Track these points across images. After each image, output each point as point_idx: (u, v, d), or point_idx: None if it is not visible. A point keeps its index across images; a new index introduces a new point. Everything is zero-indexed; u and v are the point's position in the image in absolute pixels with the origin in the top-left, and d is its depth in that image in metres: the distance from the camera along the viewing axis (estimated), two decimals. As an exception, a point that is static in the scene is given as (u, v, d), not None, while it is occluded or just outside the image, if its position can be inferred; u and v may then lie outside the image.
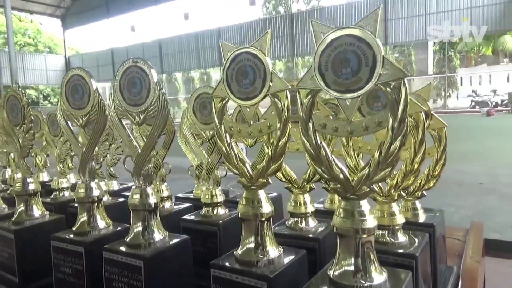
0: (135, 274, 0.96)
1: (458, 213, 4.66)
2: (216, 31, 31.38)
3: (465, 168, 6.59)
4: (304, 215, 1.10)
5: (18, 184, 1.31)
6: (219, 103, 0.91)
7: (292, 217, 1.11)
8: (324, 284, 0.75)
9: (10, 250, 1.25)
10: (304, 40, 29.14)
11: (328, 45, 0.72)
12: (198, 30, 31.88)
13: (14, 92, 1.28)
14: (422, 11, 24.79)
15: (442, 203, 4.09)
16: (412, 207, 1.13)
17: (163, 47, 33.19)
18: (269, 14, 34.56)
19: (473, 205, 5.07)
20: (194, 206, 1.45)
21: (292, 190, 1.11)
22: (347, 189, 0.74)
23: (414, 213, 1.12)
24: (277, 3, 35.82)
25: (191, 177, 1.55)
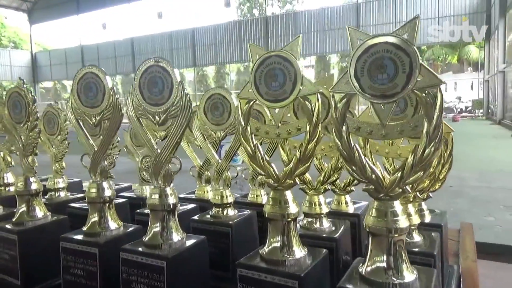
0: (156, 274, 0.95)
1: None
2: (191, 31, 31.13)
3: None
4: (318, 216, 1.12)
5: (20, 183, 1.27)
6: (246, 104, 0.93)
7: (307, 217, 1.13)
8: (357, 280, 0.78)
9: (12, 252, 1.21)
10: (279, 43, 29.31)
11: (365, 51, 0.75)
12: (172, 30, 31.51)
13: (18, 89, 1.24)
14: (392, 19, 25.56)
15: None
16: (418, 208, 1.18)
17: (136, 45, 32.56)
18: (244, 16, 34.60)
19: (444, 207, 5.29)
20: (200, 207, 1.45)
21: (307, 191, 1.13)
22: (379, 190, 0.77)
23: (421, 214, 1.16)
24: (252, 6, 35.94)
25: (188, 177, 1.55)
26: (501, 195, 5.61)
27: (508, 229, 4.04)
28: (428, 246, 0.97)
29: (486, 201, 5.35)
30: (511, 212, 4.81)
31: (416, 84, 0.71)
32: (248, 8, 36.09)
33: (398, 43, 0.72)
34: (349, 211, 1.30)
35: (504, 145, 10.53)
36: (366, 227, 0.78)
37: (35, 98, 1.23)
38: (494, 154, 8.80)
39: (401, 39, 0.72)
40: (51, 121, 1.62)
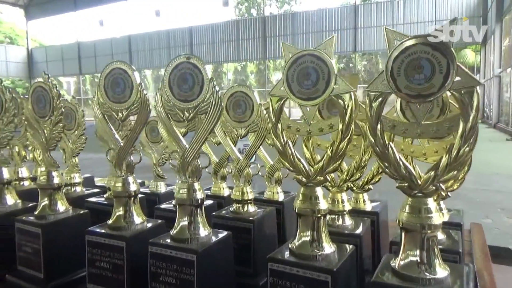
0: (186, 268, 0.97)
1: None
2: (188, 30, 31.06)
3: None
4: (341, 213, 1.14)
5: (43, 177, 1.28)
6: (277, 102, 0.94)
7: (330, 214, 1.15)
8: (390, 275, 0.80)
9: (36, 245, 1.22)
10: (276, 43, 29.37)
11: (402, 51, 0.77)
12: (169, 28, 31.42)
13: (43, 83, 1.25)
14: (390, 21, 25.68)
15: None
16: (438, 207, 1.20)
17: (133, 43, 32.44)
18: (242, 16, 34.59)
19: None
20: (217, 204, 1.47)
21: (330, 188, 1.15)
22: (413, 187, 0.79)
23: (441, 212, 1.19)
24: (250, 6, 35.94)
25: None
26: (498, 198, 5.68)
27: (505, 232, 4.10)
28: (452, 244, 0.99)
29: (484, 203, 5.41)
30: (508, 214, 4.87)
31: (453, 85, 0.73)
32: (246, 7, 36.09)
33: (436, 44, 0.74)
34: (367, 209, 1.33)
35: (500, 149, 10.63)
36: (399, 223, 0.80)
37: (60, 93, 1.24)
38: (490, 157, 8.88)
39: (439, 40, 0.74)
40: (68, 116, 1.63)
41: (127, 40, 32.60)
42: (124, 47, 32.71)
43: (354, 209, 1.30)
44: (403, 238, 0.81)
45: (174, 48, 31.80)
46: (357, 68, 30.38)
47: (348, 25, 27.08)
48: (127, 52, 32.65)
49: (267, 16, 29.72)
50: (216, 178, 1.63)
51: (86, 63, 33.84)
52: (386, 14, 25.65)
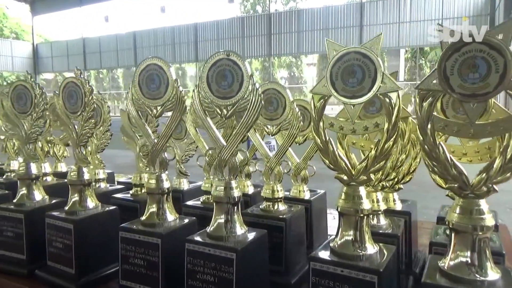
0: (225, 266, 0.96)
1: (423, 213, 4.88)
2: (193, 26, 31.04)
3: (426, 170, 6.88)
4: (376, 213, 1.13)
5: (74, 173, 1.27)
6: (319, 100, 0.93)
7: None
8: (438, 276, 0.79)
9: (67, 241, 1.22)
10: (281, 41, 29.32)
11: (456, 49, 0.76)
12: (174, 24, 31.40)
13: (75, 78, 1.24)
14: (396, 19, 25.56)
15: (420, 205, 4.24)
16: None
17: (138, 39, 32.44)
18: (247, 12, 34.51)
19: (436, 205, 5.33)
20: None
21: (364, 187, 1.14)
22: (464, 188, 0.78)
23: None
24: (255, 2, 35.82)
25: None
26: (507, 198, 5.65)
27: (517, 232, 4.07)
28: (494, 245, 0.98)
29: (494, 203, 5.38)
30: (517, 214, 4.84)
31: (510, 84, 0.72)
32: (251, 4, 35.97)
33: (493, 44, 0.73)
34: (397, 208, 1.31)
35: (508, 148, 10.57)
36: (449, 224, 0.79)
37: (92, 89, 1.23)
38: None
39: (495, 40, 0.73)
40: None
41: (132, 36, 32.62)
42: (129, 43, 32.73)
43: (386, 209, 1.29)
44: (452, 239, 0.80)
45: (179, 44, 31.81)
46: (362, 66, 30.13)
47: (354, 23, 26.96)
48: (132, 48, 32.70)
49: (272, 13, 29.64)
50: (241, 176, 1.62)
51: (91, 59, 33.92)
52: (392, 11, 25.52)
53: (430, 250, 1.02)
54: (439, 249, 1.00)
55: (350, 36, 27.16)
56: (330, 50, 0.91)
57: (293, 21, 28.80)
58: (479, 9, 22.58)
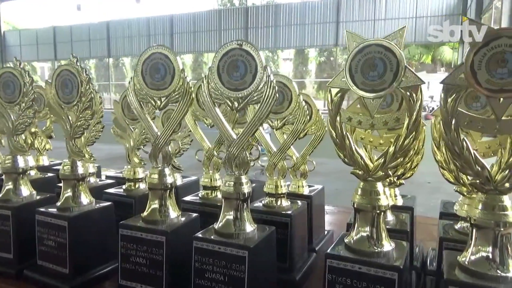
0: (237, 264, 0.93)
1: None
2: (169, 18, 30.51)
3: None
4: (385, 208, 1.12)
5: (67, 167, 1.20)
6: (336, 94, 0.91)
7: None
8: (458, 271, 0.78)
9: (61, 239, 1.15)
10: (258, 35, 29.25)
11: (485, 44, 0.74)
12: (149, 15, 30.76)
13: (70, 66, 1.17)
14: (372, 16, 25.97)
15: None
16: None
17: (111, 29, 31.61)
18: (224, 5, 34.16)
19: (424, 202, 5.49)
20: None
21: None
22: (487, 184, 0.77)
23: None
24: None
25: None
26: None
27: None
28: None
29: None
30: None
31: (537, 80, 0.72)
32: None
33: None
34: (398, 203, 1.32)
35: (476, 144, 10.99)
36: (471, 220, 0.79)
37: (90, 77, 1.16)
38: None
39: (524, 34, 0.72)
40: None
41: (105, 26, 31.75)
42: (102, 33, 31.86)
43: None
44: (474, 234, 0.79)
45: (154, 36, 31.22)
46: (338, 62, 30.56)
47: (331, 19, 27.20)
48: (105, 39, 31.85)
49: (250, 6, 29.49)
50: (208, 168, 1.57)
51: (61, 48, 32.74)
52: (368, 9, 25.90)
53: (441, 246, 1.02)
54: (450, 244, 1.00)
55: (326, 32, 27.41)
56: (350, 42, 0.89)
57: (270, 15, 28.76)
58: (451, 9, 23.23)
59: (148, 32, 31.02)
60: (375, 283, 0.83)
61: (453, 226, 1.07)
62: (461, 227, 1.05)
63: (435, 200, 4.20)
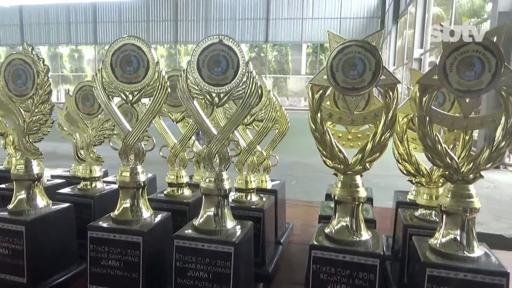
0: (221, 261, 0.92)
1: None
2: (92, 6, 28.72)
3: None
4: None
5: (20, 166, 1.09)
6: (318, 92, 0.94)
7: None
8: (429, 253, 0.86)
9: (16, 246, 1.04)
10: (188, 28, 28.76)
11: (455, 49, 0.83)
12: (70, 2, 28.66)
13: (24, 55, 1.06)
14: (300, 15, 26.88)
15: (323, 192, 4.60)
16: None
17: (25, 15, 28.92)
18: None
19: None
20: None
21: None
22: (456, 175, 0.86)
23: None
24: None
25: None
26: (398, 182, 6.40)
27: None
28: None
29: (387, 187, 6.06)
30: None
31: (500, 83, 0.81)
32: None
33: (487, 45, 0.81)
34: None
35: (395, 138, 11.96)
36: (441, 207, 0.87)
37: (48, 68, 1.06)
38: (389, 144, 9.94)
39: (489, 41, 0.81)
40: (89, 98, 1.39)
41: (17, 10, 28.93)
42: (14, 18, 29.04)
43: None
44: (444, 220, 0.88)
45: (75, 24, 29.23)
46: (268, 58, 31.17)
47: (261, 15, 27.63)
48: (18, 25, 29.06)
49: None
50: (198, 166, 1.56)
51: (-37, 33, 29.23)
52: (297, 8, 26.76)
53: (405, 232, 1.10)
54: (414, 230, 1.09)
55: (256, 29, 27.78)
56: (331, 42, 0.92)
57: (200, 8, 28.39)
58: (371, 12, 24.90)
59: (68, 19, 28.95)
60: (358, 270, 0.88)
61: (414, 214, 1.17)
62: (421, 214, 1.15)
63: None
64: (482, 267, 0.82)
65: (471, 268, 0.81)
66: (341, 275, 0.89)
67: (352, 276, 0.88)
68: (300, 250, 1.48)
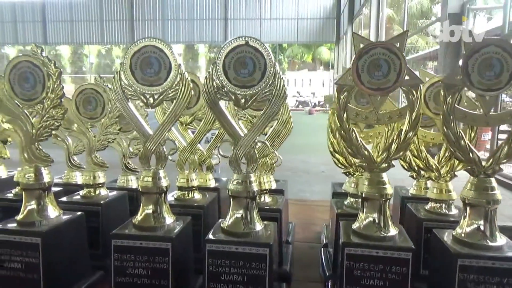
0: (256, 263, 0.92)
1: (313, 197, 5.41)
2: (40, 4, 27.27)
3: (306, 159, 7.63)
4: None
5: (30, 175, 1.03)
6: (344, 92, 0.96)
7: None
8: (453, 242, 0.91)
9: (31, 259, 0.99)
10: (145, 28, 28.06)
11: (476, 50, 0.88)
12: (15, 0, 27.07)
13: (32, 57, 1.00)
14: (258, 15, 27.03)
15: (297, 189, 4.67)
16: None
17: (-35, 12, 26.95)
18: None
19: (321, 190, 5.97)
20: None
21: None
22: (478, 169, 0.91)
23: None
24: (114, -16, 33.27)
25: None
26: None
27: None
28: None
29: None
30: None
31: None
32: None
33: (506, 47, 0.87)
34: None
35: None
36: (465, 200, 0.92)
37: (60, 70, 1.01)
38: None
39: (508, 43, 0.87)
40: (91, 101, 1.31)
41: (-45, 8, 26.90)
42: (-49, 16, 26.95)
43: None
44: (467, 211, 0.93)
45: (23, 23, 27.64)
46: (227, 58, 31.00)
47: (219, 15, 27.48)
48: (-45, 23, 27.04)
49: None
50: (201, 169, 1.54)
51: None
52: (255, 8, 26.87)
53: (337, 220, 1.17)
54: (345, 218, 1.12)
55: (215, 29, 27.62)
56: (357, 43, 0.95)
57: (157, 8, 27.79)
58: (327, 13, 25.48)
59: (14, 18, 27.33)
60: (392, 264, 0.91)
61: (424, 207, 1.22)
62: (431, 207, 1.20)
63: (330, 187, 4.53)
64: (506, 254, 0.88)
65: (499, 256, 0.86)
66: (374, 270, 0.92)
67: (386, 271, 0.91)
68: (307, 248, 1.51)
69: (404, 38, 0.94)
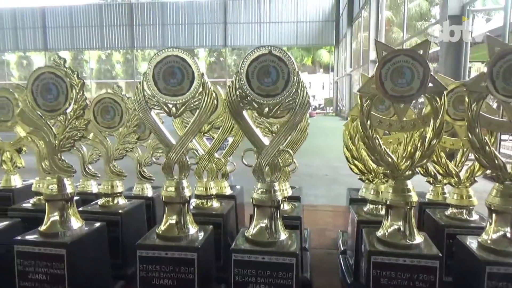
0: (283, 272, 0.92)
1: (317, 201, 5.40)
2: (41, 11, 27.37)
3: (309, 162, 7.64)
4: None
5: (53, 186, 1.03)
6: (367, 100, 0.97)
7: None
8: (479, 250, 0.91)
9: (56, 270, 0.98)
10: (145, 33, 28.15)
11: (501, 57, 0.88)
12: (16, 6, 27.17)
13: (55, 69, 1.00)
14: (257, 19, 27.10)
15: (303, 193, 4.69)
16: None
17: (-35, 19, 27.03)
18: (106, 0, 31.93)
19: (325, 193, 5.97)
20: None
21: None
22: (504, 175, 0.91)
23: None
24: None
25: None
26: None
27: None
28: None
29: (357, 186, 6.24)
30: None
31: (543, 88, 0.87)
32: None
33: (532, 53, 0.87)
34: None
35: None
36: (491, 206, 0.92)
37: (83, 81, 1.01)
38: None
39: (536, 50, 0.87)
40: (109, 110, 1.31)
41: (-45, 15, 26.98)
42: (-49, 23, 27.03)
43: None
44: (493, 218, 0.93)
45: (23, 29, 27.71)
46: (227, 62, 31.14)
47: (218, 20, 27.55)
48: (-45, 30, 27.12)
49: (134, 2, 28.11)
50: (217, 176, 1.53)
51: None
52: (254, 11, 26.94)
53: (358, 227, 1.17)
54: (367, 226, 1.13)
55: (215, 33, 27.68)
56: (379, 51, 0.95)
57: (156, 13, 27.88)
58: (326, 16, 25.54)
59: (14, 25, 27.41)
60: (419, 272, 0.91)
61: (444, 213, 1.22)
62: (452, 213, 1.20)
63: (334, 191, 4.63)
64: (535, 261, 0.88)
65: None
66: (401, 279, 0.92)
67: (413, 279, 0.91)
68: (324, 254, 1.51)
69: (427, 45, 0.94)
